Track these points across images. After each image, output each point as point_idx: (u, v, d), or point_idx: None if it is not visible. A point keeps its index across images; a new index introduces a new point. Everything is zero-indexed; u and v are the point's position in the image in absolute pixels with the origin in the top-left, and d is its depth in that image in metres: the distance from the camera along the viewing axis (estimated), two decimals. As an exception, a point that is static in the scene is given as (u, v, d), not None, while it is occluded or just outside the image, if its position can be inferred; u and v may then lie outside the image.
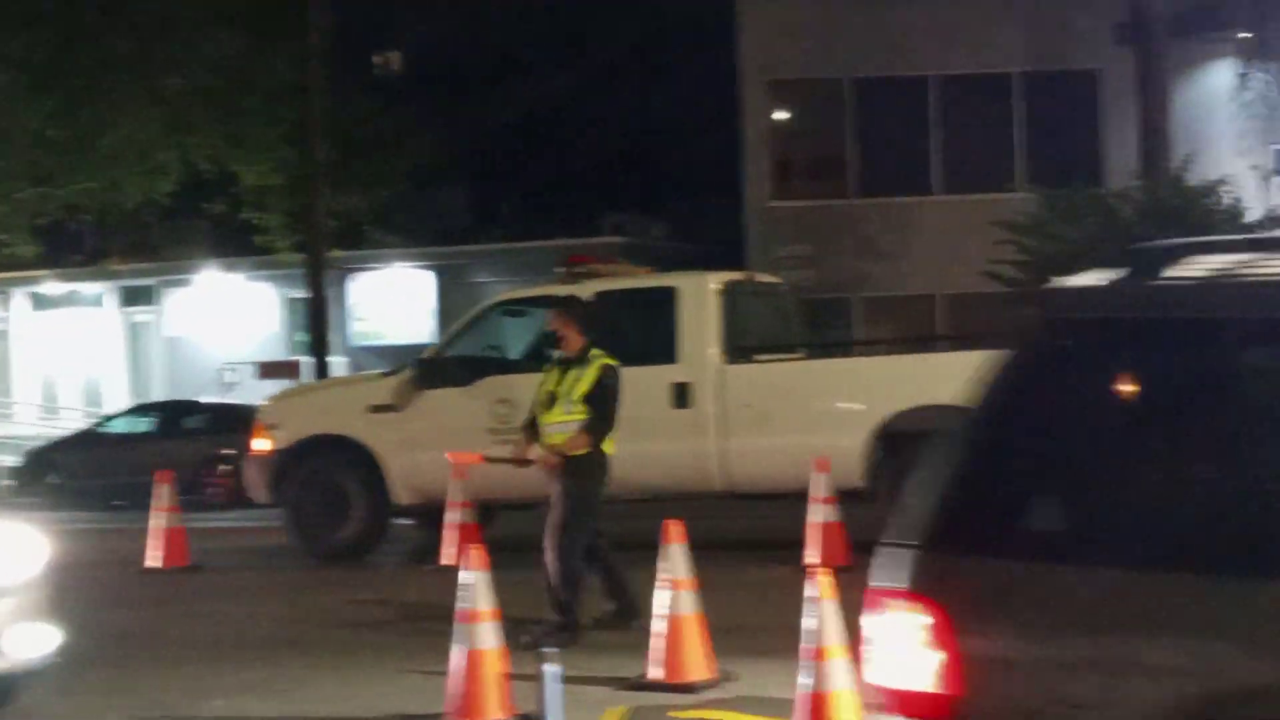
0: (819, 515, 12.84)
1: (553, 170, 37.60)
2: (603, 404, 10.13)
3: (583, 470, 10.05)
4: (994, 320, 24.74)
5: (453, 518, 13.98)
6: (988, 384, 4.28)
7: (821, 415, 14.00)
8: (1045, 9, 27.96)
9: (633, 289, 15.08)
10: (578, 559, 9.97)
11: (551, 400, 10.28)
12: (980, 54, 28.16)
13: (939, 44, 28.08)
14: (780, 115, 29.48)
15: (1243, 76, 23.97)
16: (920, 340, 22.82)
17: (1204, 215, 21.87)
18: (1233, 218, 22.02)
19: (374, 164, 30.41)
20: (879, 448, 13.77)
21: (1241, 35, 24.10)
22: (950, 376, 13.73)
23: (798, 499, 13.32)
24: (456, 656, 7.49)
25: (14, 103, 22.03)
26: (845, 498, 13.29)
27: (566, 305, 10.78)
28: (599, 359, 10.27)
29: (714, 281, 14.61)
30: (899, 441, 13.71)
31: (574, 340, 10.40)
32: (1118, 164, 26.12)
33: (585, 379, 10.15)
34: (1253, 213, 22.59)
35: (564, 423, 10.14)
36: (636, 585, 9.98)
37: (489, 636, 7.48)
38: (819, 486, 12.91)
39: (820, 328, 24.33)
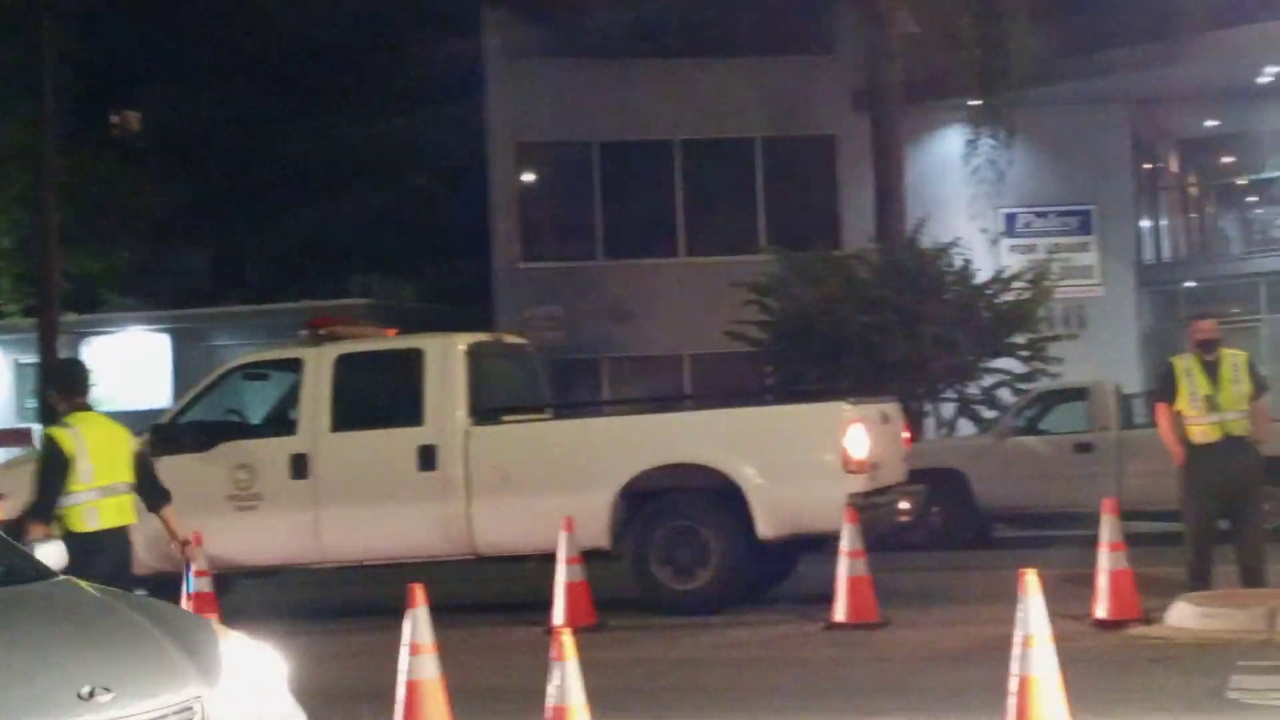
0: (566, 576, 12.81)
1: (299, 232, 37.11)
2: (36, 479, 9.56)
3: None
4: (738, 378, 25.23)
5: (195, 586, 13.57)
6: None
7: (568, 476, 13.99)
8: (785, 76, 28.68)
9: (377, 351, 14.93)
10: None
11: None
12: (722, 120, 28.73)
13: (682, 109, 28.57)
14: (528, 177, 29.63)
15: (971, 143, 24.86)
16: (665, 400, 23.05)
17: (936, 277, 22.58)
18: (962, 279, 22.77)
19: (110, 225, 29.63)
20: (624, 507, 13.83)
21: (970, 103, 25.00)
22: (695, 435, 13.99)
23: (547, 560, 13.28)
24: None
25: None
26: (592, 557, 13.32)
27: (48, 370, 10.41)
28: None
29: (460, 343, 14.52)
30: (644, 500, 13.84)
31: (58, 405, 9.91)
32: (855, 226, 26.84)
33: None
34: (982, 274, 23.38)
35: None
36: None
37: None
38: (565, 547, 12.89)
39: (568, 389, 24.43)
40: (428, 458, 14.05)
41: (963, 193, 25.08)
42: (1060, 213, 28.80)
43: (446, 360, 14.30)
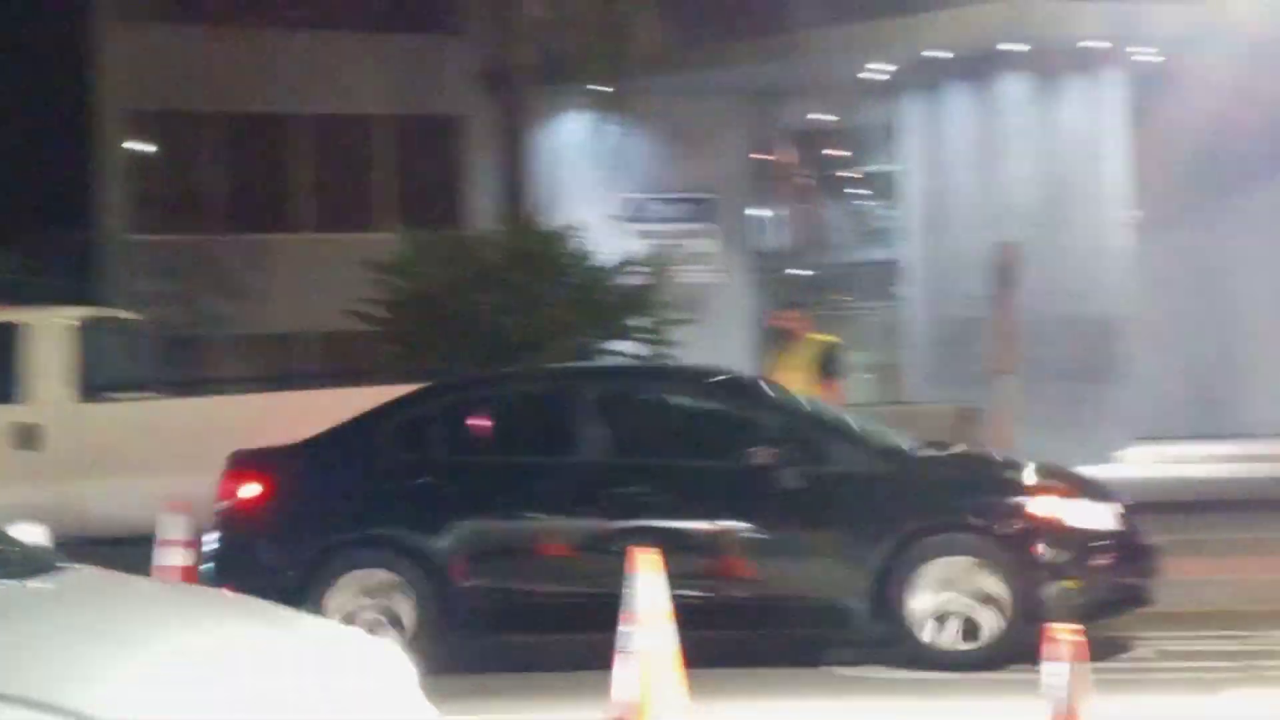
0: (176, 559, 12.39)
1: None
2: None
3: None
4: (358, 359, 24.94)
5: None
6: None
7: (182, 455, 13.56)
8: (413, 54, 28.45)
9: (-27, 325, 14.17)
10: None
11: None
12: (348, 95, 28.32)
13: (307, 83, 28.03)
14: (141, 146, 28.57)
15: (593, 128, 25.19)
16: (283, 378, 22.63)
17: (562, 259, 22.78)
18: (585, 262, 23.04)
19: None
20: (241, 487, 13.49)
21: (595, 89, 25.32)
22: (313, 414, 13.72)
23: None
24: None
25: None
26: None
27: None
28: None
29: (65, 317, 13.92)
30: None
31: None
32: (481, 207, 26.86)
33: None
34: (606, 257, 23.71)
35: None
36: None
37: None
38: (176, 529, 12.47)
39: (181, 366, 23.67)
40: (29, 436, 13.42)
41: (588, 177, 25.40)
42: (681, 200, 29.47)
43: (50, 335, 13.70)
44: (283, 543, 10.13)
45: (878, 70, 27.83)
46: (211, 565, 9.80)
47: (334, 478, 10.37)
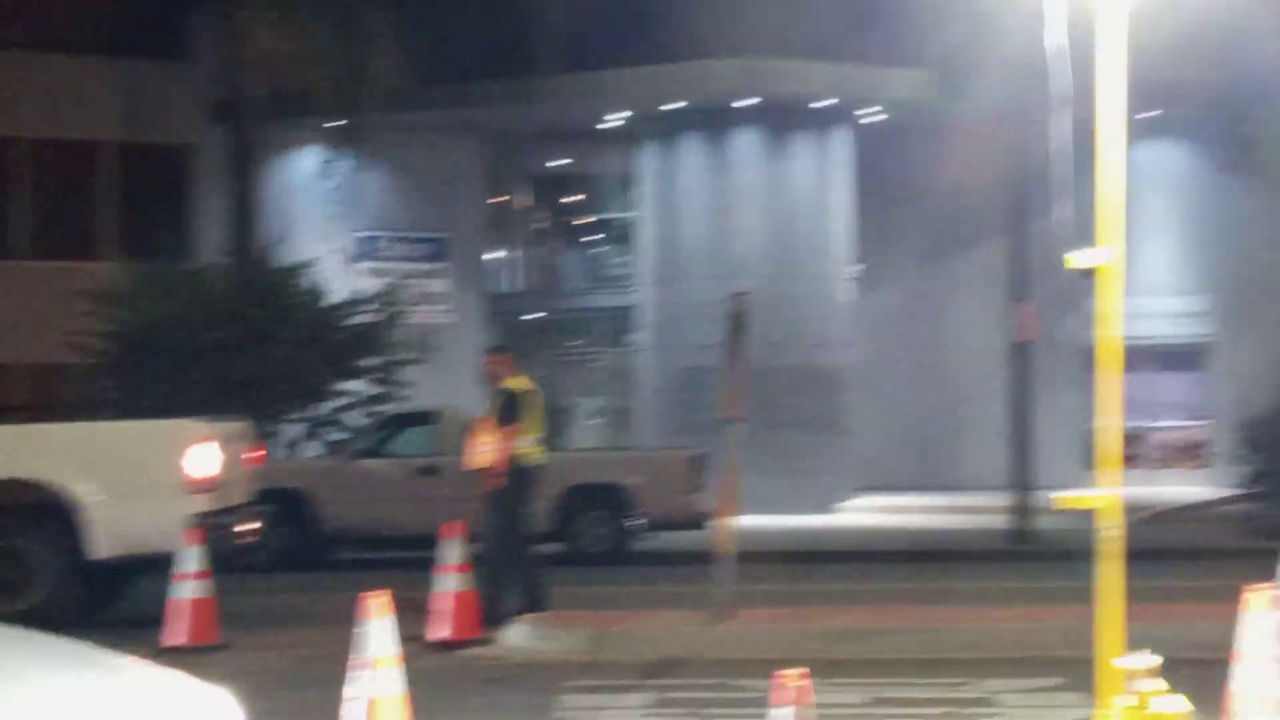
0: None
1: None
2: None
3: None
4: (76, 391, 24.05)
5: None
6: None
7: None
8: (139, 80, 27.68)
9: None
10: None
11: None
12: (71, 120, 27.39)
13: (26, 106, 27.00)
14: None
15: (327, 164, 24.82)
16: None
17: (289, 295, 22.40)
18: (315, 299, 22.70)
19: None
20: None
21: (328, 124, 24.96)
22: (22, 450, 13.18)
23: None
24: None
25: None
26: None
27: None
28: None
29: None
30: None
31: None
32: (209, 240, 26.22)
33: None
34: (337, 294, 23.40)
35: None
36: None
37: None
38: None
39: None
40: None
41: (320, 212, 25.02)
42: (414, 239, 29.26)
43: None
44: None
45: (616, 119, 28.11)
46: None
47: None
